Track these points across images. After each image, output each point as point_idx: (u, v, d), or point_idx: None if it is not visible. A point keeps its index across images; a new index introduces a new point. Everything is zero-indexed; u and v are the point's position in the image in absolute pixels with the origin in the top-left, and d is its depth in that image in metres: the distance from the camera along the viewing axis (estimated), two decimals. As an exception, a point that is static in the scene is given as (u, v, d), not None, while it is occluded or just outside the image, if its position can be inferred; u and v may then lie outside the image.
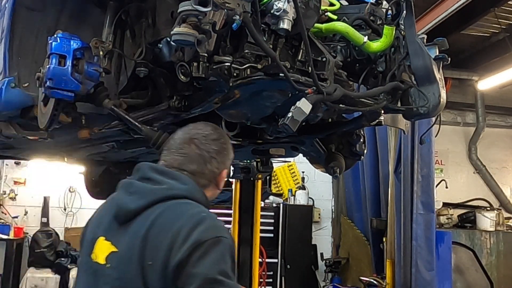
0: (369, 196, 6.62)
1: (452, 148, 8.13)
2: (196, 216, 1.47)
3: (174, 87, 2.03)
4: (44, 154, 3.52)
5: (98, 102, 1.86)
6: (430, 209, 5.22)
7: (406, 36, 1.97)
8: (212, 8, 1.52)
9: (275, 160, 4.24)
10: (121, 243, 1.50)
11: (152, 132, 1.94)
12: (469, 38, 6.47)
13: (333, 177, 5.32)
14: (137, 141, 2.49)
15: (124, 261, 1.47)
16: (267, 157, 3.52)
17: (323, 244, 7.89)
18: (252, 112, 2.24)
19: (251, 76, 1.82)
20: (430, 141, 5.12)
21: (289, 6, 1.71)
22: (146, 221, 1.47)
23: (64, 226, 7.46)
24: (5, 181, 7.41)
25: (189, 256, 1.38)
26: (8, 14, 1.93)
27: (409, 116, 2.11)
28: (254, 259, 4.31)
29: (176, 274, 1.38)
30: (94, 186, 4.46)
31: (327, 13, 2.08)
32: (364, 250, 6.81)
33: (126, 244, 1.48)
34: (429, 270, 5.11)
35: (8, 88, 1.88)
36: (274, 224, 7.07)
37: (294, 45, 1.93)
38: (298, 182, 7.89)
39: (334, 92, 1.78)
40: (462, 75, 7.35)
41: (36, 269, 6.85)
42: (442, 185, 7.03)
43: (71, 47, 1.66)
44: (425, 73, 1.92)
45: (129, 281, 1.44)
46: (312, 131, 2.61)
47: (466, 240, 6.72)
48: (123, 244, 1.49)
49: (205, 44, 1.60)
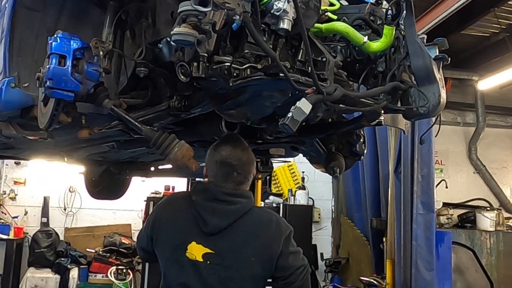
0: (369, 196, 6.63)
1: (452, 148, 8.13)
2: (272, 219, 2.27)
3: (174, 87, 2.03)
4: (44, 154, 3.52)
5: (98, 102, 1.85)
6: (430, 209, 5.22)
7: (406, 36, 1.97)
8: (212, 8, 1.52)
9: (275, 160, 4.24)
10: (219, 247, 2.11)
11: (152, 132, 1.94)
12: (469, 38, 6.47)
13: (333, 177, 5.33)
14: (137, 141, 2.49)
15: (229, 257, 2.11)
16: (267, 157, 3.52)
17: (323, 244, 7.89)
18: (252, 112, 2.23)
19: (251, 76, 1.82)
20: (430, 141, 5.12)
21: (289, 6, 1.70)
22: (238, 229, 2.14)
23: (64, 226, 7.47)
24: (5, 181, 7.43)
25: (283, 249, 2.19)
26: (8, 14, 1.93)
27: (409, 116, 2.10)
28: (254, 259, 4.30)
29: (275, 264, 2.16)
30: (94, 186, 4.46)
31: (327, 13, 2.08)
32: (364, 250, 6.81)
33: (226, 247, 2.12)
34: (429, 270, 5.11)
35: (8, 88, 1.88)
36: (274, 224, 7.06)
37: (294, 45, 1.93)
38: (298, 182, 7.89)
39: (334, 92, 1.78)
40: (462, 75, 7.36)
41: (36, 269, 6.87)
42: (442, 185, 7.03)
43: (71, 47, 1.66)
44: (425, 73, 1.92)
45: (237, 271, 2.11)
46: (312, 131, 2.60)
47: (466, 240, 6.72)
48: (222, 247, 2.11)
49: (205, 44, 1.60)
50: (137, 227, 7.28)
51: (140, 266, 6.92)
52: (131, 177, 4.38)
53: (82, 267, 6.97)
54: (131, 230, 7.56)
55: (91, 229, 7.51)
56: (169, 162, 1.96)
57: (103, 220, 7.60)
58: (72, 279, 6.74)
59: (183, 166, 1.95)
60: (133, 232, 7.50)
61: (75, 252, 7.09)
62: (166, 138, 1.91)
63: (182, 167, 1.96)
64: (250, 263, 2.13)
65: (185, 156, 1.91)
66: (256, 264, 2.14)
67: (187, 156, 1.91)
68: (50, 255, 6.95)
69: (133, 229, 7.49)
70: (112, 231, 7.47)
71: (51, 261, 6.92)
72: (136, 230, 7.26)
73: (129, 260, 7.08)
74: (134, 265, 7.12)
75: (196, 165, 1.94)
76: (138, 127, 1.94)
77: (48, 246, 6.98)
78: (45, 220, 7.39)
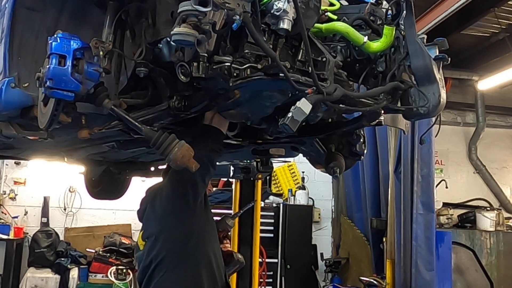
0: (369, 196, 6.63)
1: (452, 148, 8.13)
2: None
3: (174, 87, 2.03)
4: (44, 154, 3.52)
5: (98, 102, 1.85)
6: (430, 209, 5.23)
7: (406, 36, 1.97)
8: (212, 8, 1.52)
9: (275, 160, 4.24)
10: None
11: (152, 132, 1.94)
12: (469, 38, 6.47)
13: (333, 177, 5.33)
14: (137, 141, 2.49)
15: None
16: (267, 157, 3.52)
17: (323, 244, 7.90)
18: (252, 112, 2.23)
19: (251, 76, 1.81)
20: (430, 141, 5.12)
21: (289, 6, 1.70)
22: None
23: (64, 226, 7.47)
24: (5, 181, 7.42)
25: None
26: (8, 14, 1.93)
27: (409, 116, 2.10)
28: (254, 259, 4.31)
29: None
30: (94, 186, 4.46)
31: (327, 13, 2.08)
32: (364, 250, 6.81)
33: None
34: (429, 270, 5.11)
35: (8, 88, 1.88)
36: (274, 224, 7.07)
37: (294, 45, 1.93)
38: (298, 182, 7.89)
39: (334, 92, 1.78)
40: (462, 75, 7.36)
41: (36, 269, 6.86)
42: (442, 185, 7.04)
43: (71, 47, 1.66)
44: (425, 73, 1.92)
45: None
46: (312, 131, 2.60)
47: (466, 240, 6.72)
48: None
49: (205, 44, 1.60)
50: (137, 227, 7.26)
51: (140, 266, 6.92)
52: (131, 177, 4.38)
53: (82, 267, 6.97)
54: (131, 230, 7.55)
55: (91, 229, 7.51)
56: (169, 162, 1.95)
57: (103, 220, 7.60)
58: (72, 279, 6.74)
59: (183, 166, 1.95)
60: (133, 232, 7.50)
61: (75, 252, 7.09)
62: (166, 138, 1.91)
63: (182, 167, 1.96)
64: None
65: (185, 156, 1.90)
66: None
67: (187, 156, 1.91)
68: (50, 255, 6.94)
69: (133, 229, 7.49)
70: (112, 231, 7.47)
71: (51, 261, 6.91)
72: (136, 230, 7.25)
73: (129, 260, 7.08)
74: (134, 265, 7.11)
75: (196, 165, 1.94)
76: (138, 127, 1.94)
77: (48, 246, 6.98)
78: (45, 220, 7.39)
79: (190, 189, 2.40)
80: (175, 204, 2.45)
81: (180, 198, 2.43)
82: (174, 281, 2.40)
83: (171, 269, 2.40)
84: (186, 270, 2.42)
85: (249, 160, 3.79)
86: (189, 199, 2.41)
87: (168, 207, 2.46)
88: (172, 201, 2.45)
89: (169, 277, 2.39)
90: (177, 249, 2.42)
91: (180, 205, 2.44)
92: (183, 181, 2.39)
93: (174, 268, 2.39)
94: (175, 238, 2.44)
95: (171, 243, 2.43)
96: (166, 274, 2.40)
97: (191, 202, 2.42)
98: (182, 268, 2.41)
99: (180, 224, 2.44)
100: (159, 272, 2.41)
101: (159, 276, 2.40)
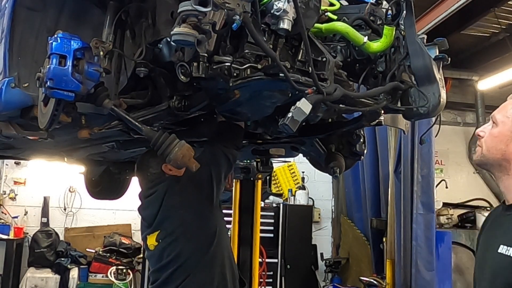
0: (369, 196, 6.62)
1: (452, 148, 8.13)
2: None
3: (174, 87, 2.03)
4: (44, 154, 3.52)
5: (98, 102, 1.85)
6: (430, 209, 5.22)
7: (406, 36, 1.97)
8: (212, 8, 1.52)
9: (275, 160, 4.24)
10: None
11: (152, 132, 1.94)
12: (469, 38, 6.47)
13: (333, 177, 5.33)
14: (137, 141, 2.49)
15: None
16: (267, 157, 3.52)
17: (323, 244, 7.89)
18: (252, 112, 2.24)
19: (251, 76, 1.82)
20: (430, 141, 5.12)
21: (289, 6, 1.70)
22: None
23: (64, 226, 7.46)
24: (5, 181, 7.42)
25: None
26: (8, 14, 1.93)
27: (409, 116, 2.10)
28: (254, 259, 4.31)
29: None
30: (94, 186, 4.46)
31: (327, 13, 2.08)
32: (364, 250, 6.81)
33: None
34: (429, 270, 5.11)
35: (8, 88, 1.88)
36: (274, 224, 7.07)
37: (294, 45, 1.93)
38: (298, 182, 7.89)
39: (334, 92, 1.78)
40: (462, 75, 7.35)
41: (36, 269, 6.86)
42: (442, 185, 7.03)
43: (72, 47, 1.66)
44: (425, 73, 1.92)
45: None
46: (312, 131, 2.61)
47: (466, 240, 6.71)
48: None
49: (205, 44, 1.60)
50: (137, 227, 7.26)
51: (140, 266, 6.92)
52: (131, 177, 4.37)
53: (82, 267, 6.97)
54: (131, 230, 7.55)
55: (91, 229, 7.51)
56: (169, 162, 1.96)
57: (103, 220, 7.59)
58: (72, 279, 6.74)
59: (184, 166, 1.96)
60: (133, 232, 7.49)
61: (75, 252, 7.09)
62: (166, 138, 1.91)
63: (182, 167, 1.96)
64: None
65: (185, 156, 1.91)
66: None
67: (187, 156, 1.91)
68: (50, 255, 6.94)
69: (133, 229, 7.48)
70: (112, 231, 7.47)
71: (51, 261, 6.91)
72: (136, 230, 7.26)
73: (129, 260, 7.08)
74: (134, 265, 7.11)
75: (196, 165, 1.94)
76: (139, 127, 1.94)
77: (48, 246, 6.97)
78: (45, 220, 7.38)
79: (215, 187, 2.40)
80: (200, 204, 2.43)
81: (207, 198, 2.42)
82: (200, 284, 2.40)
83: (196, 272, 2.39)
84: (212, 272, 2.42)
85: (249, 160, 3.79)
86: (214, 198, 2.42)
87: (190, 207, 2.44)
88: (196, 201, 2.44)
89: (195, 281, 2.39)
90: (202, 251, 2.41)
91: (206, 205, 2.44)
92: (208, 180, 2.38)
93: (200, 271, 2.39)
94: (198, 239, 2.43)
95: (194, 244, 2.42)
96: (190, 277, 2.39)
97: (215, 200, 2.43)
98: (208, 271, 2.41)
99: (204, 224, 2.44)
100: (180, 275, 2.40)
101: (181, 280, 2.39)
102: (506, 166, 1.67)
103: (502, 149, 1.67)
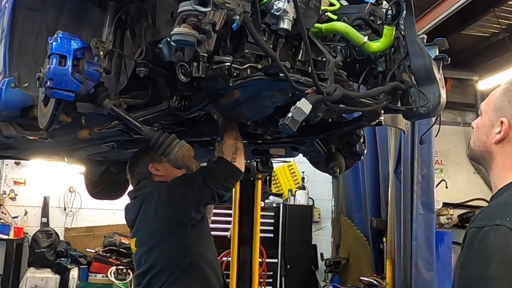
0: (369, 196, 6.63)
1: (452, 148, 8.12)
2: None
3: (174, 87, 2.03)
4: (44, 154, 3.52)
5: (98, 102, 1.85)
6: (430, 209, 5.23)
7: (406, 36, 1.97)
8: (212, 8, 1.52)
9: (275, 160, 4.24)
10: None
11: (152, 132, 1.94)
12: (469, 38, 6.47)
13: (333, 177, 5.33)
14: (137, 141, 2.49)
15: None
16: (267, 157, 3.52)
17: (323, 244, 7.89)
18: (252, 112, 2.23)
19: (251, 76, 1.81)
20: (430, 141, 5.12)
21: (289, 6, 1.70)
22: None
23: (64, 226, 7.47)
24: (5, 181, 7.42)
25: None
26: (8, 14, 1.93)
27: (409, 116, 2.10)
28: (254, 259, 4.31)
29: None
30: (94, 186, 4.46)
31: (327, 13, 2.08)
32: (364, 250, 6.81)
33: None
34: (429, 270, 5.11)
35: (8, 88, 1.88)
36: (274, 224, 7.07)
37: (294, 45, 1.93)
38: (298, 182, 7.89)
39: (334, 92, 1.78)
40: (462, 75, 7.35)
41: (36, 269, 6.86)
42: (442, 185, 7.03)
43: (72, 47, 1.66)
44: (425, 73, 1.92)
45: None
46: (312, 131, 2.60)
47: (466, 240, 6.71)
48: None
49: (205, 44, 1.60)
50: (137, 227, 7.27)
51: (140, 266, 6.92)
52: (131, 177, 4.37)
53: (82, 267, 6.97)
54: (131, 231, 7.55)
55: (91, 229, 7.51)
56: (169, 162, 1.96)
57: (103, 220, 7.59)
58: (72, 279, 6.74)
59: (184, 166, 1.96)
60: (133, 232, 7.50)
61: (75, 252, 7.09)
62: (166, 138, 1.91)
63: (183, 167, 1.96)
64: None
65: (186, 156, 1.91)
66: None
67: (188, 156, 1.91)
68: (50, 255, 6.94)
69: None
70: (112, 231, 7.46)
71: (51, 261, 6.91)
72: (136, 230, 7.26)
73: (129, 260, 7.06)
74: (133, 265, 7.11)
75: (197, 165, 1.95)
76: (139, 127, 1.94)
77: (48, 246, 6.97)
78: (45, 220, 7.38)
79: (192, 213, 2.40)
80: (173, 222, 2.42)
81: (179, 220, 2.42)
82: None
83: (171, 281, 2.41)
84: (186, 283, 2.42)
85: (249, 160, 3.78)
86: (186, 224, 2.41)
87: (163, 222, 2.43)
88: (169, 218, 2.42)
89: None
90: (174, 263, 2.42)
91: (176, 226, 2.42)
92: (185, 205, 2.37)
93: (174, 281, 2.41)
94: (172, 253, 2.43)
95: (168, 257, 2.43)
96: (166, 285, 2.41)
97: (189, 224, 2.42)
98: (182, 282, 2.41)
99: (177, 241, 2.43)
100: (157, 281, 2.43)
101: (158, 286, 2.42)
102: (488, 159, 1.52)
103: (483, 140, 1.53)
